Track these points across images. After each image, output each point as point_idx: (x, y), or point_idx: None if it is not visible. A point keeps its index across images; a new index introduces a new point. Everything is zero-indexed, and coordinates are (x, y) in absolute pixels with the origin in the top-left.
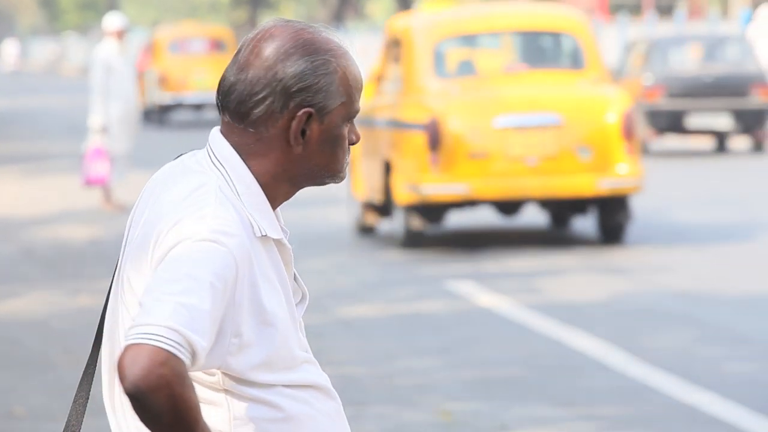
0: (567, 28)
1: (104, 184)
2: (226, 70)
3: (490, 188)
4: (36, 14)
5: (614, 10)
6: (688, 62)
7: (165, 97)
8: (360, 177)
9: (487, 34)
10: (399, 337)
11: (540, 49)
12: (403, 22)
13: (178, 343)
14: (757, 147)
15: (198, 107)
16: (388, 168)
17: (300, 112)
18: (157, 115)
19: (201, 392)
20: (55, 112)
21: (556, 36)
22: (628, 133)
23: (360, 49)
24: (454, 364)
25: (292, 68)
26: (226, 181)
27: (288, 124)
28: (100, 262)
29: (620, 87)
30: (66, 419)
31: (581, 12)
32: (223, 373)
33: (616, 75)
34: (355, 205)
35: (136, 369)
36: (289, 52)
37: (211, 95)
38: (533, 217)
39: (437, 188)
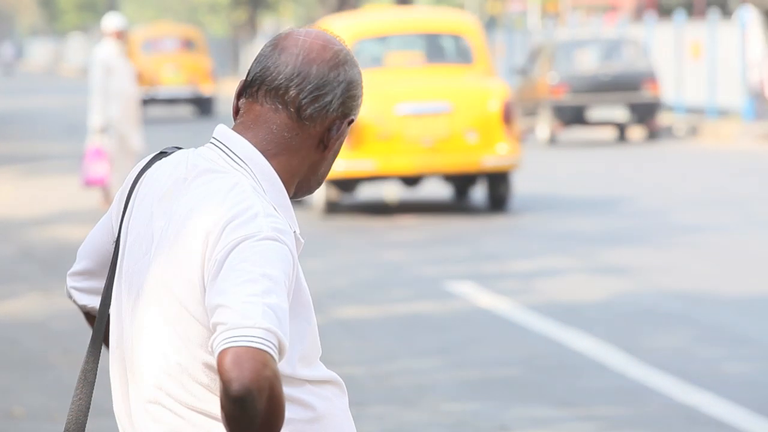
0: (460, 31)
1: (103, 184)
2: (272, 61)
3: (393, 165)
4: (35, 15)
5: (665, 9)
6: (588, 62)
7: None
8: None
9: (398, 36)
10: (398, 338)
11: (439, 47)
12: (328, 24)
13: (274, 344)
14: (651, 135)
15: (170, 102)
16: None
17: (347, 119)
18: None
19: None
20: (54, 112)
21: (451, 37)
22: (508, 119)
23: None
24: (454, 364)
25: (350, 74)
26: (253, 179)
27: (330, 126)
28: None
29: (499, 80)
30: (65, 425)
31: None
32: None
33: (522, 73)
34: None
35: (245, 372)
36: (346, 59)
37: (181, 90)
38: (437, 190)
39: (349, 165)
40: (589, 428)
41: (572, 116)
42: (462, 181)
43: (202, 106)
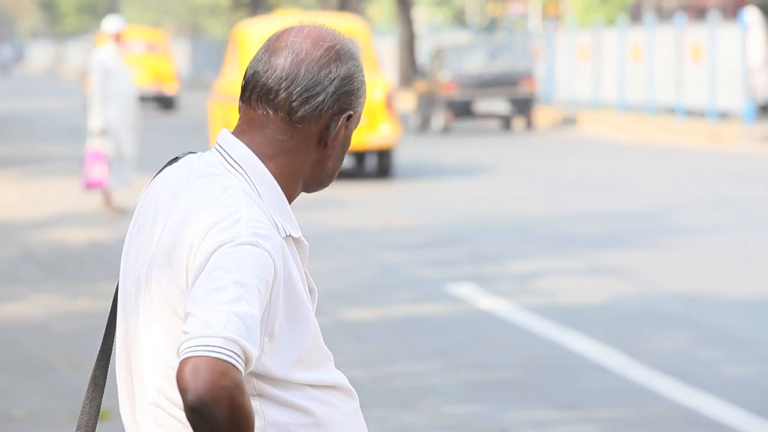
0: (351, 33)
1: (102, 187)
2: (261, 64)
3: None
4: (35, 17)
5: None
6: (475, 62)
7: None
8: (216, 133)
9: None
10: (398, 340)
11: None
12: (241, 29)
13: (236, 354)
14: (529, 125)
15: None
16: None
17: (344, 115)
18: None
19: None
20: (54, 114)
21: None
22: (389, 106)
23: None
24: (454, 366)
25: (343, 70)
26: (248, 183)
27: (327, 124)
28: (99, 265)
29: (384, 73)
30: (76, 429)
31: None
32: (256, 377)
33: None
34: None
35: (199, 382)
36: (339, 54)
37: (147, 90)
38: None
39: None
40: (590, 430)
41: (462, 109)
42: (358, 155)
43: (166, 103)
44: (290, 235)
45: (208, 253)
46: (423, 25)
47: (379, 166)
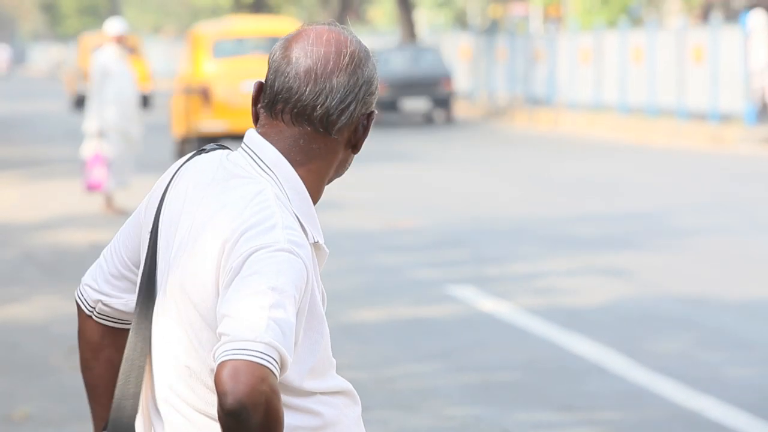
0: (287, 32)
1: (100, 189)
2: (291, 80)
3: (239, 126)
4: (37, 19)
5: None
6: (401, 64)
7: (86, 88)
8: (177, 123)
9: (248, 37)
10: (400, 342)
11: (274, 43)
12: (196, 29)
13: (274, 359)
14: (448, 119)
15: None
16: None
17: (369, 114)
18: (81, 103)
19: None
20: (55, 116)
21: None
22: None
23: None
24: (456, 368)
25: (366, 73)
26: (279, 188)
27: (356, 126)
28: None
29: None
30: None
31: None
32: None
33: None
34: (175, 141)
35: (240, 386)
36: (361, 57)
37: None
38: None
39: (208, 126)
40: None
41: (389, 106)
42: None
43: (143, 101)
44: (317, 242)
45: (245, 256)
46: (424, 27)
47: None
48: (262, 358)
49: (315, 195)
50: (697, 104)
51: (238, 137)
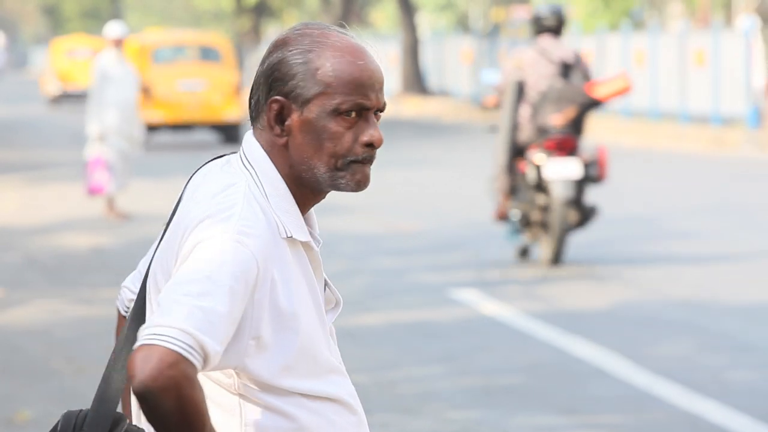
0: (215, 42)
1: (102, 193)
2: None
3: (174, 118)
4: (39, 23)
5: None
6: None
7: (58, 88)
8: None
9: (180, 46)
10: (402, 346)
11: (205, 52)
12: (138, 39)
13: (190, 346)
14: None
15: (79, 97)
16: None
17: (270, 99)
18: (55, 102)
19: (216, 395)
20: (57, 120)
21: (209, 47)
22: (237, 92)
23: None
24: (458, 372)
25: (274, 57)
26: (255, 183)
27: (267, 113)
28: (102, 270)
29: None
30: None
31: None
32: (239, 376)
33: None
34: None
35: (146, 369)
36: (277, 44)
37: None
38: (204, 135)
39: (149, 116)
40: None
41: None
42: (220, 129)
43: None
44: (291, 236)
45: (193, 245)
46: (426, 30)
47: (225, 136)
48: (173, 344)
49: (295, 195)
50: (699, 107)
51: (174, 126)
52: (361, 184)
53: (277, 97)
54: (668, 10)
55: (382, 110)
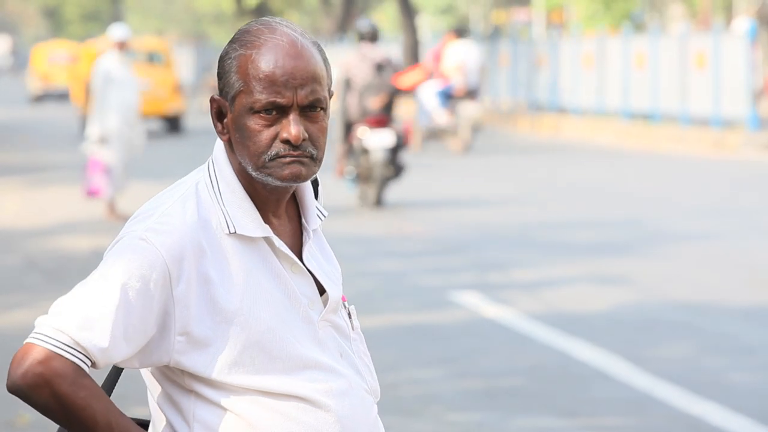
0: (158, 48)
1: (100, 195)
2: None
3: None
4: (40, 25)
5: None
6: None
7: (39, 88)
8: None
9: (130, 50)
10: (402, 348)
11: (150, 55)
12: (94, 44)
13: (64, 344)
14: None
15: (60, 97)
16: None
17: (210, 99)
18: (36, 100)
19: (173, 393)
20: (57, 122)
21: (154, 51)
22: (178, 91)
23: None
24: (458, 374)
25: (221, 55)
26: (211, 180)
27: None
28: None
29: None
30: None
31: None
32: (185, 374)
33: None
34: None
35: (17, 368)
36: (232, 38)
37: (68, 89)
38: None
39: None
40: None
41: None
42: (165, 120)
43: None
44: (234, 232)
45: (110, 247)
46: (427, 32)
47: (170, 126)
48: (45, 342)
49: (249, 191)
50: (699, 110)
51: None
52: (290, 179)
53: (215, 96)
54: (669, 12)
55: (314, 106)
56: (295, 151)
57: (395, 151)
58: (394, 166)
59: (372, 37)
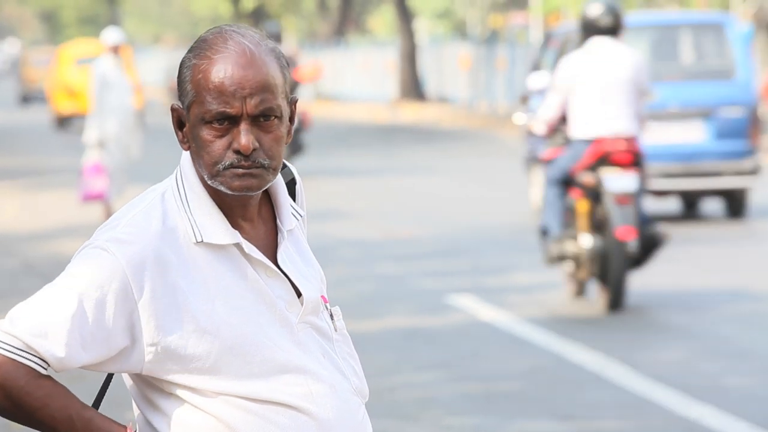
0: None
1: (103, 199)
2: None
3: (86, 108)
4: (37, 29)
5: None
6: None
7: (26, 91)
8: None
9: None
10: (399, 352)
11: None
12: (66, 48)
13: (19, 349)
14: None
15: (42, 99)
16: None
17: (170, 107)
18: (25, 100)
19: (155, 398)
20: (54, 126)
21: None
22: (139, 90)
23: (361, 63)
24: (456, 378)
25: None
26: (177, 188)
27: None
28: None
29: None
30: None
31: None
32: (163, 381)
33: None
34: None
35: None
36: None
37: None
38: None
39: (67, 106)
40: None
41: None
42: None
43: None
44: (202, 241)
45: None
46: (424, 36)
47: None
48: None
49: (214, 198)
50: None
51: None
52: (240, 189)
53: (175, 105)
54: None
55: (266, 115)
56: (246, 162)
57: (297, 132)
58: (296, 145)
59: (277, 38)
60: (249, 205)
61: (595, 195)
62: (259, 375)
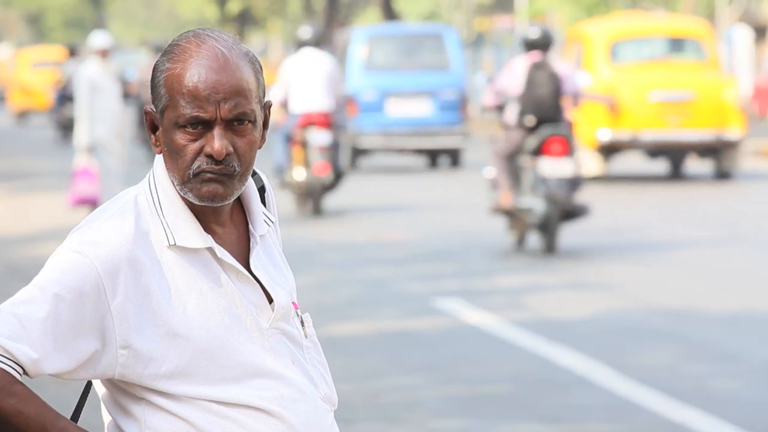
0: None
1: (95, 203)
2: None
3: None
4: (22, 32)
5: None
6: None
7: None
8: None
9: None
10: (386, 355)
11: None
12: (26, 50)
13: None
14: None
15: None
16: None
17: (144, 110)
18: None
19: (125, 403)
20: (40, 129)
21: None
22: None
23: None
24: (442, 381)
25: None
26: (150, 191)
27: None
28: None
29: None
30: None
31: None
32: (136, 384)
33: None
34: None
35: None
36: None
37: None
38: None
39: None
40: None
41: None
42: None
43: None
44: (174, 244)
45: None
46: None
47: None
48: None
49: (186, 203)
50: None
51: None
52: (207, 198)
53: (148, 108)
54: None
55: (240, 119)
56: (217, 166)
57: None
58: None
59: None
60: (219, 211)
61: (304, 145)
62: (231, 379)
